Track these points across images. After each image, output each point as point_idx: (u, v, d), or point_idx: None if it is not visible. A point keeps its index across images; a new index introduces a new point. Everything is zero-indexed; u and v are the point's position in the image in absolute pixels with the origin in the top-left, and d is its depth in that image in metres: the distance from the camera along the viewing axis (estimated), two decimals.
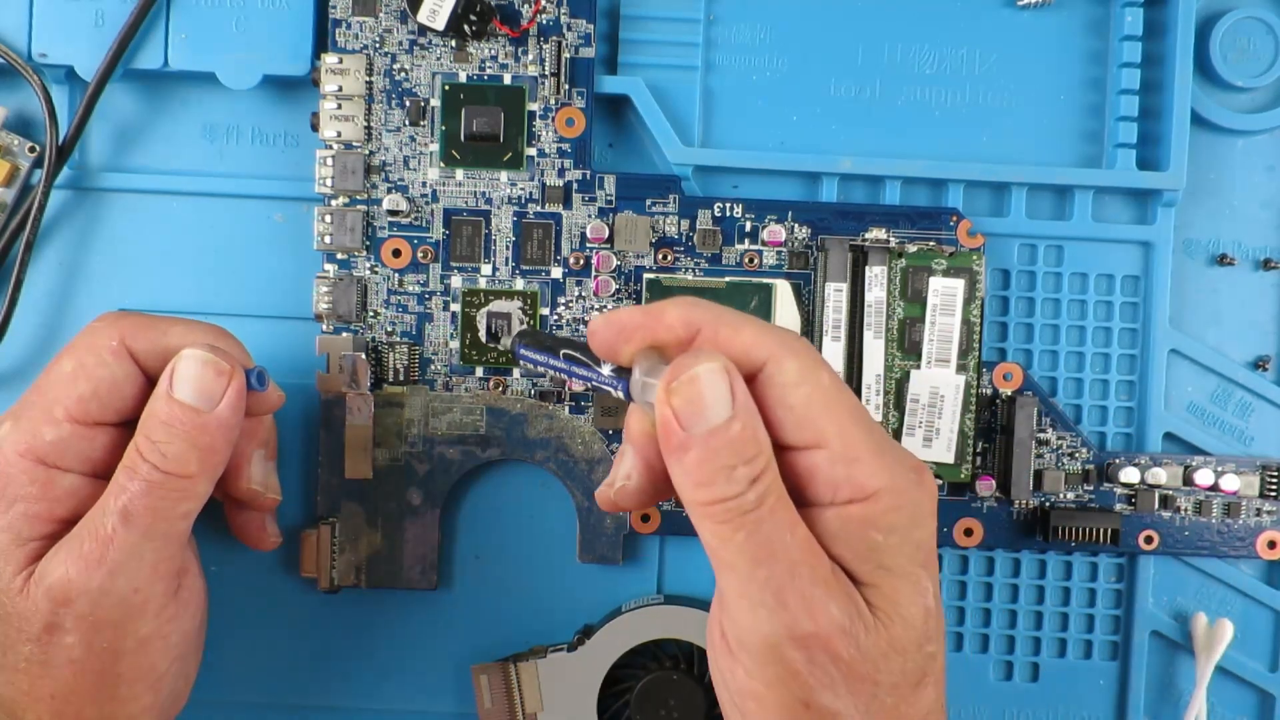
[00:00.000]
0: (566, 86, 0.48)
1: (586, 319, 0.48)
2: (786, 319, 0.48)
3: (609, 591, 0.50)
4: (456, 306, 0.48)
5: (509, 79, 0.48)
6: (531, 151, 0.48)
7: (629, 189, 0.48)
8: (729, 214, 0.49)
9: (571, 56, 0.48)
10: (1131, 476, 0.49)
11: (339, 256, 0.48)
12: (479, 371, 0.48)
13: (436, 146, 0.48)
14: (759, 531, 0.34)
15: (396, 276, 0.48)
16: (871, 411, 0.48)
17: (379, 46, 0.48)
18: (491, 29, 0.47)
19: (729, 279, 0.48)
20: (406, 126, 0.48)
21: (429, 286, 0.48)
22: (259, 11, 0.47)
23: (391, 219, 0.48)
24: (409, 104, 0.48)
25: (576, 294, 0.48)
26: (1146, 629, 0.50)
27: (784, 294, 0.48)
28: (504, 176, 0.48)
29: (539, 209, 0.48)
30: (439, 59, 0.48)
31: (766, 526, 0.34)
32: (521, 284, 0.48)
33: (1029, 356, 0.50)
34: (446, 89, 0.48)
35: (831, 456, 0.35)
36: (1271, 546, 0.49)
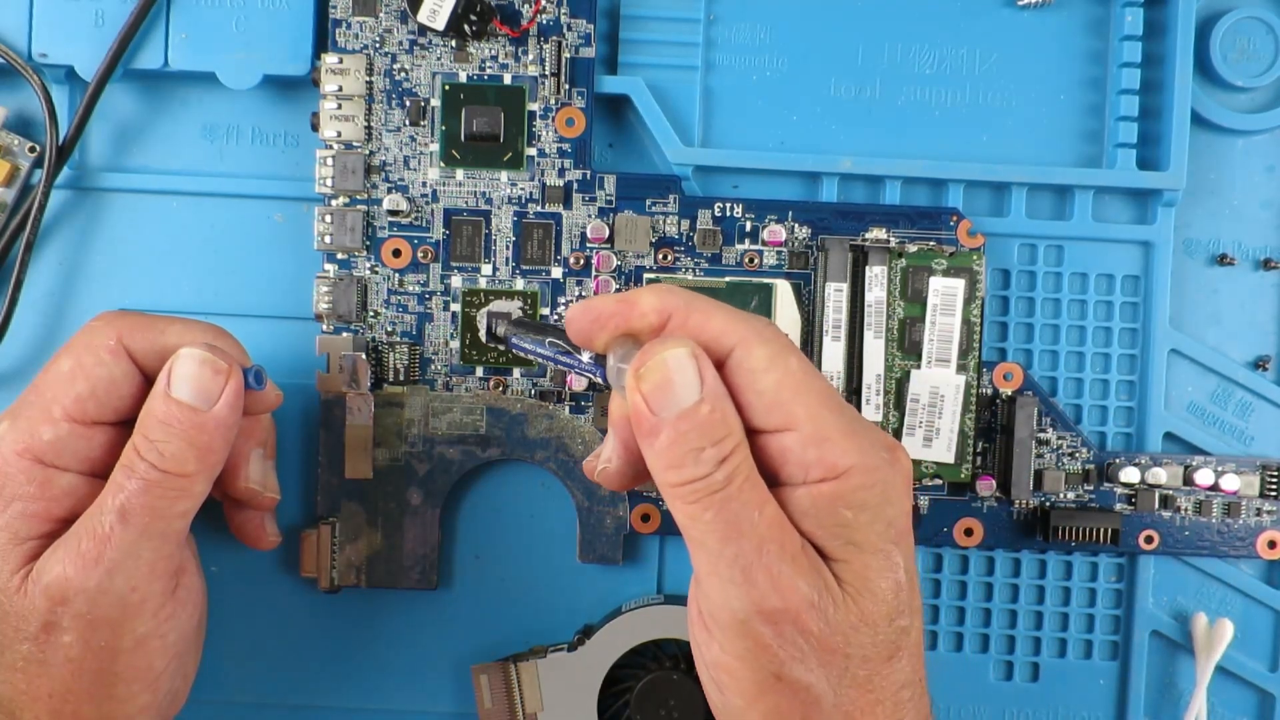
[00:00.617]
0: (566, 86, 0.48)
1: None
2: (787, 319, 0.48)
3: (609, 591, 0.50)
4: (457, 306, 0.48)
5: (509, 79, 0.48)
6: (532, 151, 0.48)
7: (629, 189, 0.48)
8: (729, 214, 0.49)
9: (571, 56, 0.48)
10: (1131, 476, 0.49)
11: (339, 256, 0.48)
12: (479, 371, 0.48)
13: (437, 146, 0.48)
14: (727, 510, 0.35)
15: (397, 276, 0.48)
16: (871, 411, 0.48)
17: (379, 46, 0.48)
18: (491, 29, 0.47)
19: (729, 279, 0.48)
20: (406, 126, 0.48)
21: (429, 286, 0.48)
22: (259, 11, 0.48)
23: (392, 219, 0.48)
24: (409, 104, 0.48)
25: (577, 294, 0.48)
26: (1147, 629, 0.50)
27: (784, 294, 0.48)
28: (504, 176, 0.48)
29: (539, 209, 0.48)
30: (439, 59, 0.48)
31: (734, 505, 0.35)
32: (522, 284, 0.48)
33: (1029, 356, 0.50)
34: (446, 89, 0.48)
35: (802, 438, 0.35)
36: (1271, 546, 0.49)
